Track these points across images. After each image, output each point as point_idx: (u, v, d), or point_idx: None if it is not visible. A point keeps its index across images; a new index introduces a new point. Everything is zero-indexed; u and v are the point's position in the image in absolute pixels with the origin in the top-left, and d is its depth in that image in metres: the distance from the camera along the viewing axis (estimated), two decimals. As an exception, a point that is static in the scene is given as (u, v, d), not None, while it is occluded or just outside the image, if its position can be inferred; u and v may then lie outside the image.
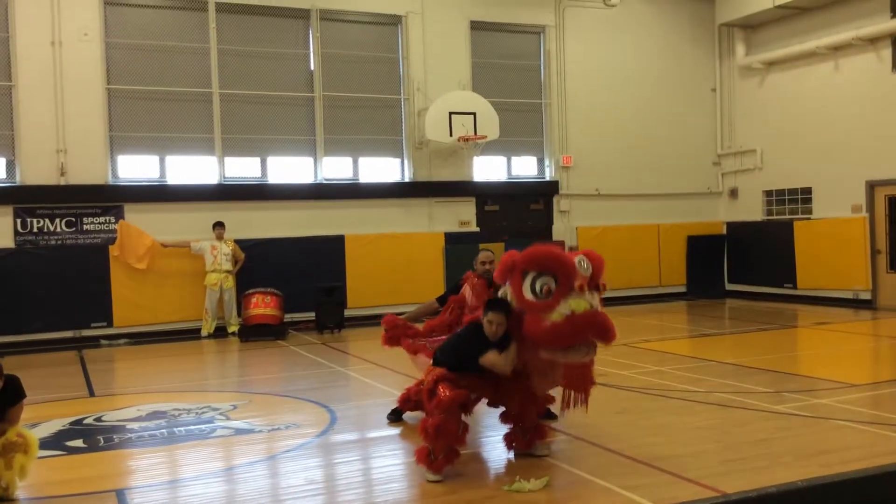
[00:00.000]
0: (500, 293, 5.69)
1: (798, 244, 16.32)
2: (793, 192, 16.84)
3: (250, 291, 13.54)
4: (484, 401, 6.11)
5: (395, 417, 7.23)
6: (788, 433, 6.40)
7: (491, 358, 5.49)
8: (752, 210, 17.74)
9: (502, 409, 6.08)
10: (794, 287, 16.41)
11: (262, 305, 13.40)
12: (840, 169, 15.63)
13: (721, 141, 18.31)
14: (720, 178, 18.37)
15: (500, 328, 5.48)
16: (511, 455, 6.02)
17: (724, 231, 18.32)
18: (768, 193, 17.44)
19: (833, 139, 15.75)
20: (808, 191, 16.47)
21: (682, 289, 17.95)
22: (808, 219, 16.35)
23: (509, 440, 6.03)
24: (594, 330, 5.29)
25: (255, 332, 13.27)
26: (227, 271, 13.74)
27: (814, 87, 16.17)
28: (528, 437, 5.95)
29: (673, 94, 17.91)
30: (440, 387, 5.55)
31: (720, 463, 5.65)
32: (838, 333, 12.35)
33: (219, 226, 13.76)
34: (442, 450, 5.45)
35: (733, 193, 18.17)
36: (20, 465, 5.40)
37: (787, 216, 16.93)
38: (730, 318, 15.06)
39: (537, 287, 5.29)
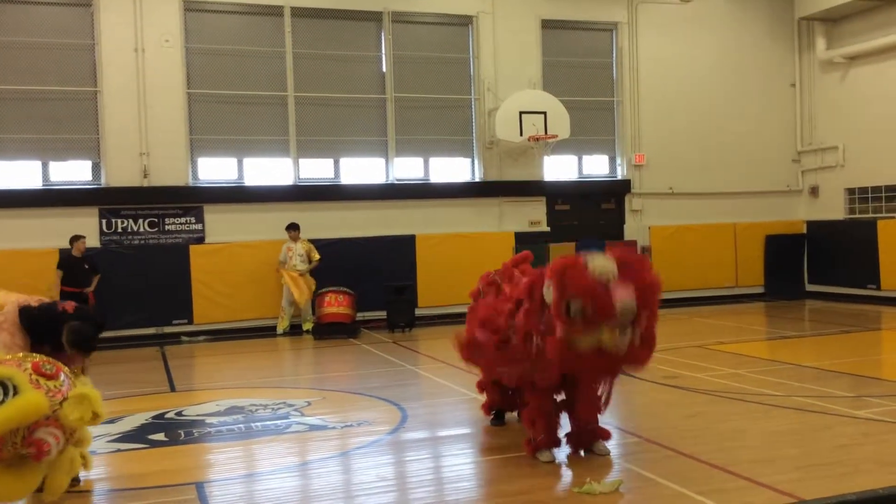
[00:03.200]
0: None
1: (882, 244, 15.74)
2: (876, 189, 16.26)
3: (323, 290, 13.78)
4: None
5: (497, 421, 7.04)
6: (870, 439, 6.21)
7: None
8: (833, 209, 17.19)
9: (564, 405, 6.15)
10: (878, 288, 15.85)
11: (335, 304, 13.62)
12: (928, 166, 15.04)
13: (801, 138, 17.79)
14: (800, 175, 17.86)
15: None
16: (571, 451, 6.05)
17: (805, 230, 17.80)
18: (851, 191, 16.88)
19: (920, 135, 15.17)
20: (893, 189, 15.88)
21: (760, 289, 17.52)
22: (893, 217, 15.77)
23: (569, 437, 6.10)
24: (612, 369, 5.66)
25: (328, 331, 13.49)
26: (302, 271, 14.00)
27: (899, 81, 15.59)
28: (588, 437, 6.03)
29: (750, 91, 17.48)
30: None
31: (797, 469, 5.52)
32: (925, 337, 11.90)
33: (292, 227, 14.02)
34: (539, 434, 5.87)
35: (814, 191, 17.64)
36: (69, 459, 5.26)
37: (871, 215, 16.35)
38: (810, 320, 14.64)
39: (572, 309, 5.29)
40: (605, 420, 6.21)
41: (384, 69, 15.29)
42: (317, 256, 14.10)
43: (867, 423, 6.70)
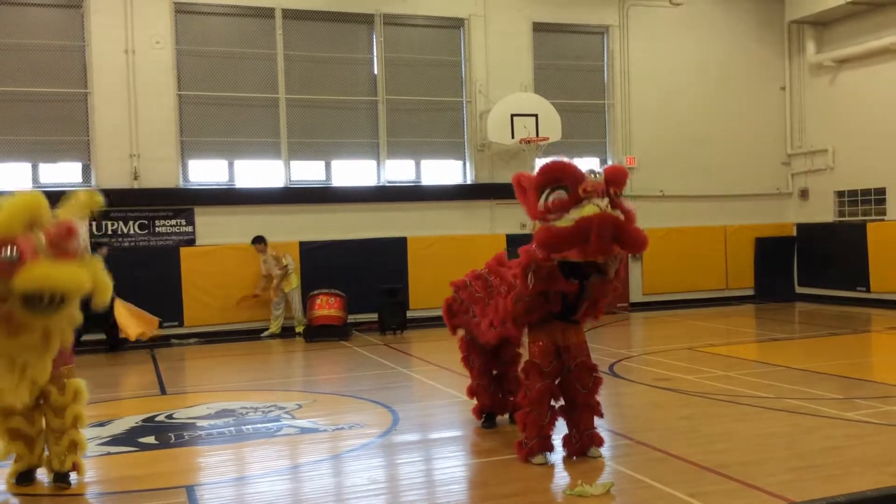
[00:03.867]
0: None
1: (871, 246, 15.83)
2: (866, 192, 16.35)
3: (315, 292, 13.75)
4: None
5: (488, 424, 7.06)
6: (860, 441, 6.23)
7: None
8: (823, 211, 17.27)
9: (562, 411, 6.17)
10: (868, 290, 15.93)
11: (327, 306, 13.59)
12: (916, 169, 15.13)
13: (791, 140, 17.88)
14: (790, 178, 17.94)
15: None
16: (566, 455, 6.07)
17: (794, 233, 17.88)
18: (840, 194, 16.97)
19: (909, 138, 15.25)
20: (881, 191, 15.97)
21: (750, 292, 17.58)
22: (882, 220, 15.86)
23: (566, 442, 6.12)
24: (602, 230, 5.23)
25: (320, 333, 13.47)
26: (281, 275, 13.92)
27: (888, 85, 15.65)
28: (582, 441, 6.07)
29: (741, 94, 17.56)
30: (530, 378, 5.94)
31: (788, 471, 5.53)
32: (914, 339, 11.96)
33: (256, 241, 13.92)
34: (532, 438, 5.90)
35: (804, 194, 17.73)
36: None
37: (860, 217, 16.44)
38: (800, 322, 14.70)
39: (550, 200, 5.45)
40: (596, 422, 6.20)
41: (376, 71, 15.29)
42: (284, 262, 13.88)
43: (857, 425, 6.73)
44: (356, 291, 14.13)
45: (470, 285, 6.95)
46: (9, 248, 4.81)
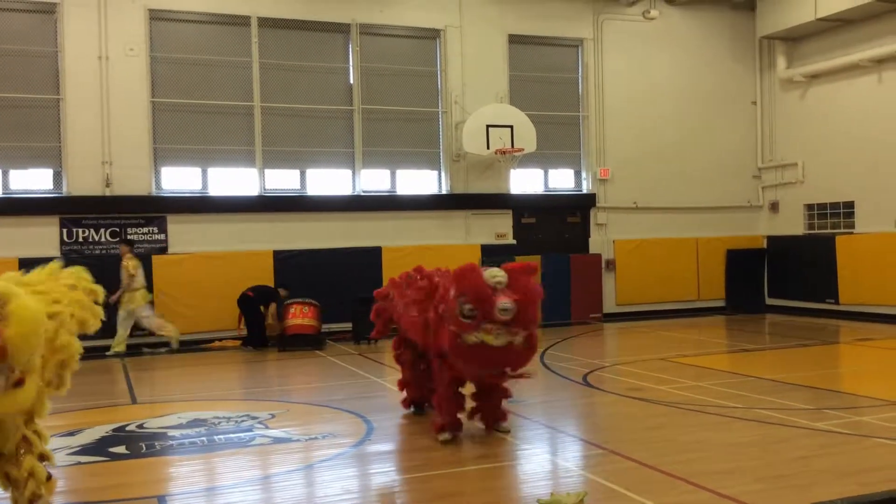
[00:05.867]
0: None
1: (840, 259, 16.07)
2: (835, 206, 16.60)
3: (289, 301, 13.68)
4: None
5: (418, 411, 8.03)
6: (829, 451, 6.32)
7: None
8: (793, 224, 17.51)
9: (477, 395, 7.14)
10: (836, 302, 16.15)
11: (301, 315, 13.52)
12: (883, 183, 15.38)
13: (762, 154, 18.12)
14: (760, 191, 18.17)
15: None
16: (484, 429, 7.07)
17: (765, 245, 18.10)
18: (810, 207, 17.22)
19: (876, 153, 15.52)
20: (850, 205, 16.23)
21: (721, 303, 17.76)
22: (851, 233, 16.11)
23: (473, 413, 7.10)
24: (495, 364, 6.52)
25: (293, 342, 13.39)
26: (124, 287, 13.05)
27: (857, 100, 15.95)
28: (494, 417, 7.06)
29: (712, 108, 17.78)
30: (441, 370, 6.92)
31: (758, 480, 5.59)
32: (881, 350, 12.13)
33: (122, 243, 13.43)
34: (443, 417, 6.92)
35: (774, 207, 17.96)
36: (29, 467, 4.90)
37: (829, 230, 16.69)
38: (769, 334, 14.87)
39: (465, 310, 6.32)
40: (569, 432, 6.24)
41: (352, 81, 15.30)
42: (131, 273, 13.05)
43: (826, 434, 6.82)
44: (330, 301, 14.08)
45: (391, 296, 8.37)
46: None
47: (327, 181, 15.26)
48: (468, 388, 7.13)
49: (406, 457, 6.74)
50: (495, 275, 6.47)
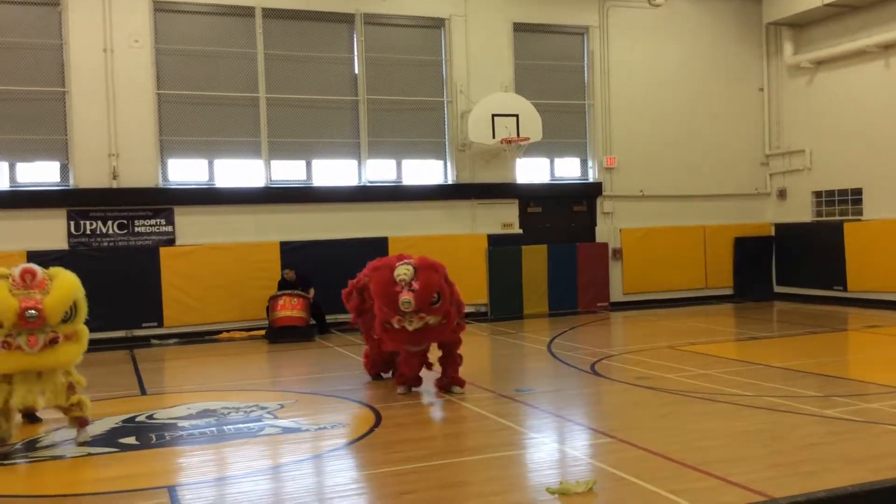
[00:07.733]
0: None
1: (849, 246, 16.02)
2: (843, 192, 16.54)
3: (277, 294, 13.65)
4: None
5: (378, 378, 9.41)
6: (838, 438, 6.31)
7: None
8: (801, 211, 17.45)
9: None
10: (845, 289, 16.11)
11: (290, 307, 13.44)
12: (891, 169, 15.31)
13: (769, 141, 18.05)
14: (768, 178, 18.11)
15: None
16: (437, 391, 8.45)
17: (773, 232, 18.05)
18: (818, 194, 17.15)
19: (884, 139, 15.44)
20: (858, 192, 16.16)
21: (729, 291, 17.73)
22: (859, 220, 16.05)
23: (436, 382, 8.58)
24: (418, 341, 8.21)
25: (282, 335, 13.34)
26: None
27: (864, 86, 15.85)
28: (449, 382, 8.46)
29: (719, 94, 17.71)
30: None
31: (768, 467, 5.59)
32: (890, 337, 12.10)
33: None
34: (403, 374, 8.56)
35: (782, 194, 17.90)
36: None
37: (838, 217, 16.62)
38: (778, 321, 14.84)
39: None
40: (577, 420, 6.23)
41: (356, 71, 15.27)
42: None
43: (835, 422, 6.81)
44: (337, 291, 13.95)
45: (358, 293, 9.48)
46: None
47: (333, 172, 15.25)
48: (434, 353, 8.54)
49: (415, 446, 6.74)
50: (400, 273, 7.84)
